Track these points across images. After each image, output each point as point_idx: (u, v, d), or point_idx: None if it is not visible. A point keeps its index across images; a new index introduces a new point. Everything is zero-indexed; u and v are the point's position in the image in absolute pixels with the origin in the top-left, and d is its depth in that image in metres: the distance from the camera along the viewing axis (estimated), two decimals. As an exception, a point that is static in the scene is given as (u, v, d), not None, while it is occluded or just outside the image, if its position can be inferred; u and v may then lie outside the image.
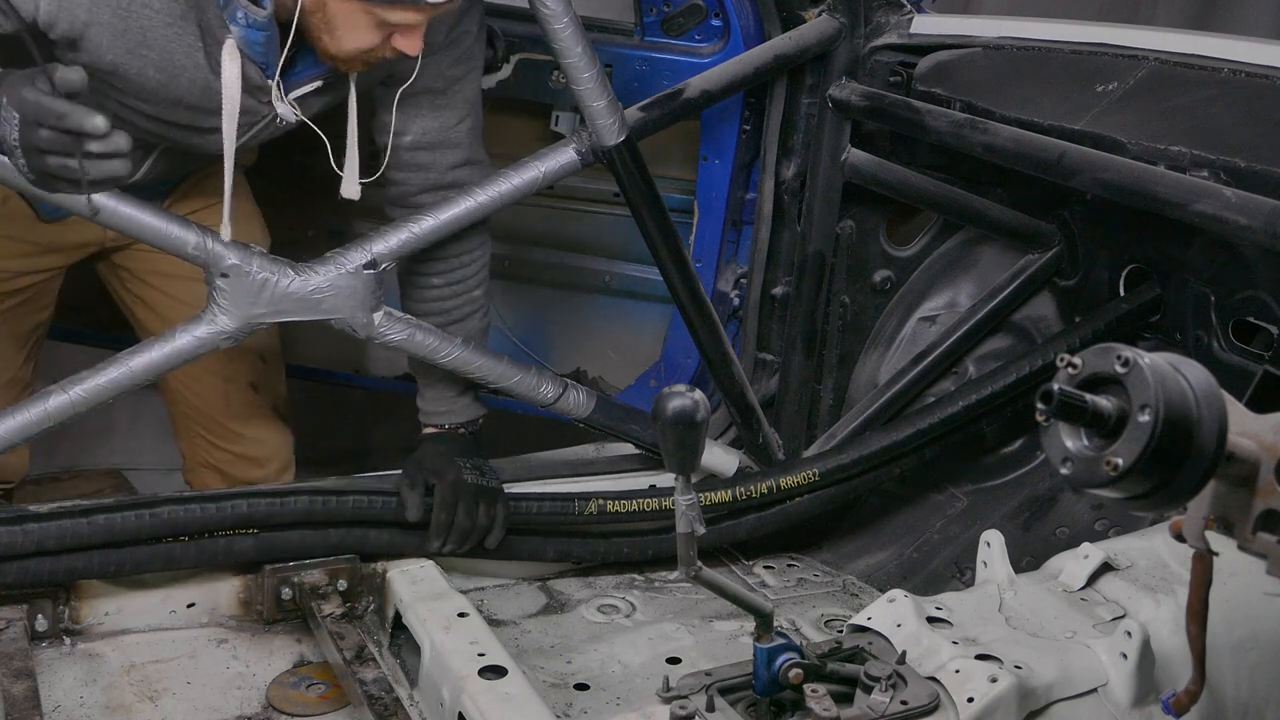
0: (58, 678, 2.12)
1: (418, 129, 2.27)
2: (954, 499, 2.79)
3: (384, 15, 1.93)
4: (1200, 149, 2.01)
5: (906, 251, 2.77)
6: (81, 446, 3.57)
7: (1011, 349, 2.68)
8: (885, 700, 1.49)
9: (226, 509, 2.19)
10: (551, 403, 2.50)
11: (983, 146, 2.31)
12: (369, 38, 1.97)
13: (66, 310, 2.79)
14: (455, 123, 2.29)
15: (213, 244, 2.12)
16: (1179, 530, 1.28)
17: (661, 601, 2.51)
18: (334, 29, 1.96)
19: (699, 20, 2.66)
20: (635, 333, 3.12)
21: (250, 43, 1.97)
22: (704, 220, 2.80)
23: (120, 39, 1.93)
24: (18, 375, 2.63)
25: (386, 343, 2.30)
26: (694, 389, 1.37)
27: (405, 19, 1.95)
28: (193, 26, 1.96)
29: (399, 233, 2.25)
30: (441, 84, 2.25)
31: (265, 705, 2.13)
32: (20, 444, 2.16)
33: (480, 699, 1.91)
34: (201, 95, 2.03)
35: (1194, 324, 2.33)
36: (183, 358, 2.18)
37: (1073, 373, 1.18)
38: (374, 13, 1.93)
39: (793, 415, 2.78)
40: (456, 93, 2.28)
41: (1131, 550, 1.80)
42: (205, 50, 1.98)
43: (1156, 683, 1.58)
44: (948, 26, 2.60)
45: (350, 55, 2.00)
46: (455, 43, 2.23)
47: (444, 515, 2.29)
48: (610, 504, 2.46)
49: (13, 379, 2.61)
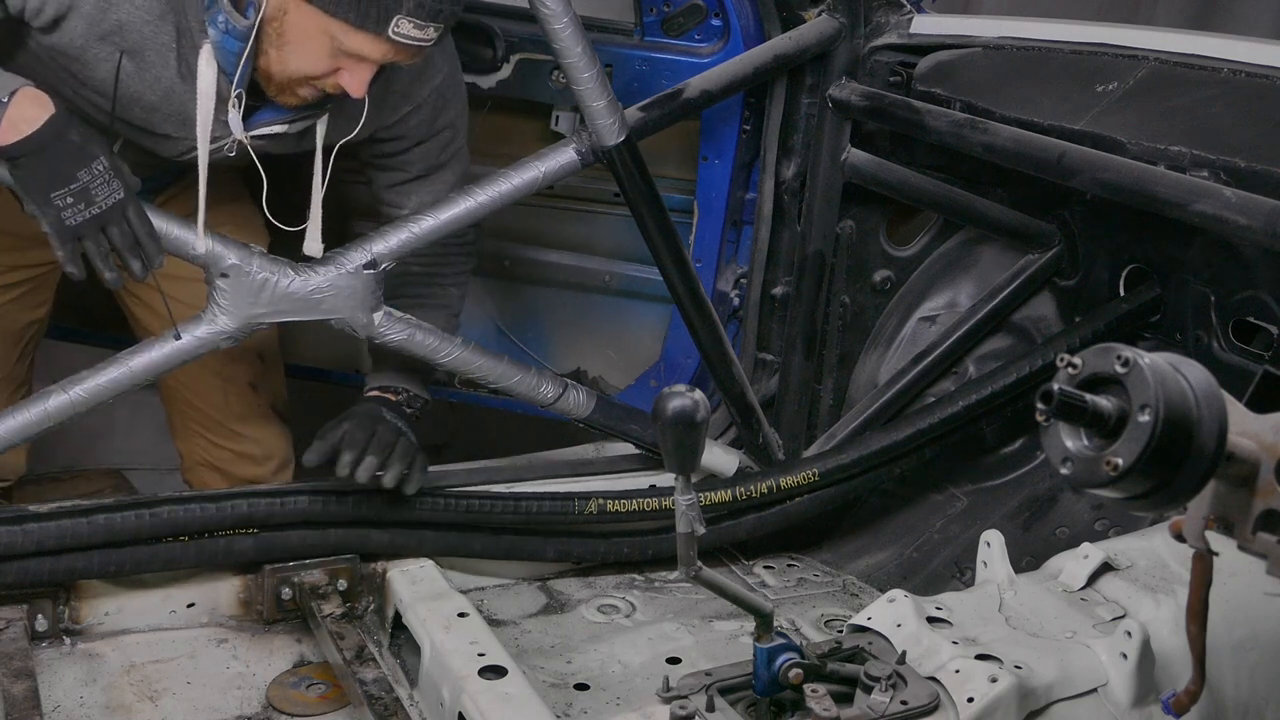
0: (58, 678, 2.12)
1: (414, 203, 2.34)
2: (954, 499, 2.79)
3: (342, 39, 1.88)
4: (1200, 149, 2.01)
5: (906, 251, 2.77)
6: (81, 446, 3.56)
7: (1011, 349, 2.68)
8: (885, 700, 1.49)
9: (226, 509, 2.20)
10: (551, 403, 2.50)
11: (983, 146, 2.31)
12: (319, 63, 1.92)
13: (66, 310, 2.79)
14: (447, 188, 2.36)
15: (213, 244, 2.12)
16: (1179, 530, 1.28)
17: (661, 601, 2.51)
18: (285, 43, 1.92)
19: (699, 20, 2.66)
20: (635, 333, 3.12)
21: (224, 50, 1.94)
22: (704, 220, 2.80)
23: (95, 26, 1.92)
24: (12, 373, 2.63)
25: (386, 342, 2.30)
26: (694, 389, 1.37)
27: (362, 49, 1.89)
28: (170, 27, 1.94)
29: (399, 233, 2.25)
30: (430, 171, 2.34)
31: (265, 705, 2.13)
32: (20, 444, 2.16)
33: (480, 699, 1.91)
34: (162, 98, 2.02)
35: (1194, 324, 2.33)
36: (183, 358, 2.18)
37: (1073, 373, 1.18)
38: (333, 34, 1.88)
39: (793, 415, 2.78)
40: (446, 167, 2.36)
41: (1131, 550, 1.80)
42: (178, 53, 1.97)
43: (1156, 683, 1.59)
44: (948, 26, 2.60)
45: (292, 77, 1.95)
46: (437, 135, 2.29)
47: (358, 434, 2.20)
48: (610, 503, 2.46)
49: (6, 376, 2.61)
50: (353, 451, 2.17)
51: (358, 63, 1.92)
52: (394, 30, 1.86)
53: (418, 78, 2.20)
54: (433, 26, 1.90)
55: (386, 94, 2.17)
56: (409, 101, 2.22)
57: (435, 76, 2.23)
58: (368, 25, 1.86)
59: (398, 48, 1.90)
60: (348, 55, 1.91)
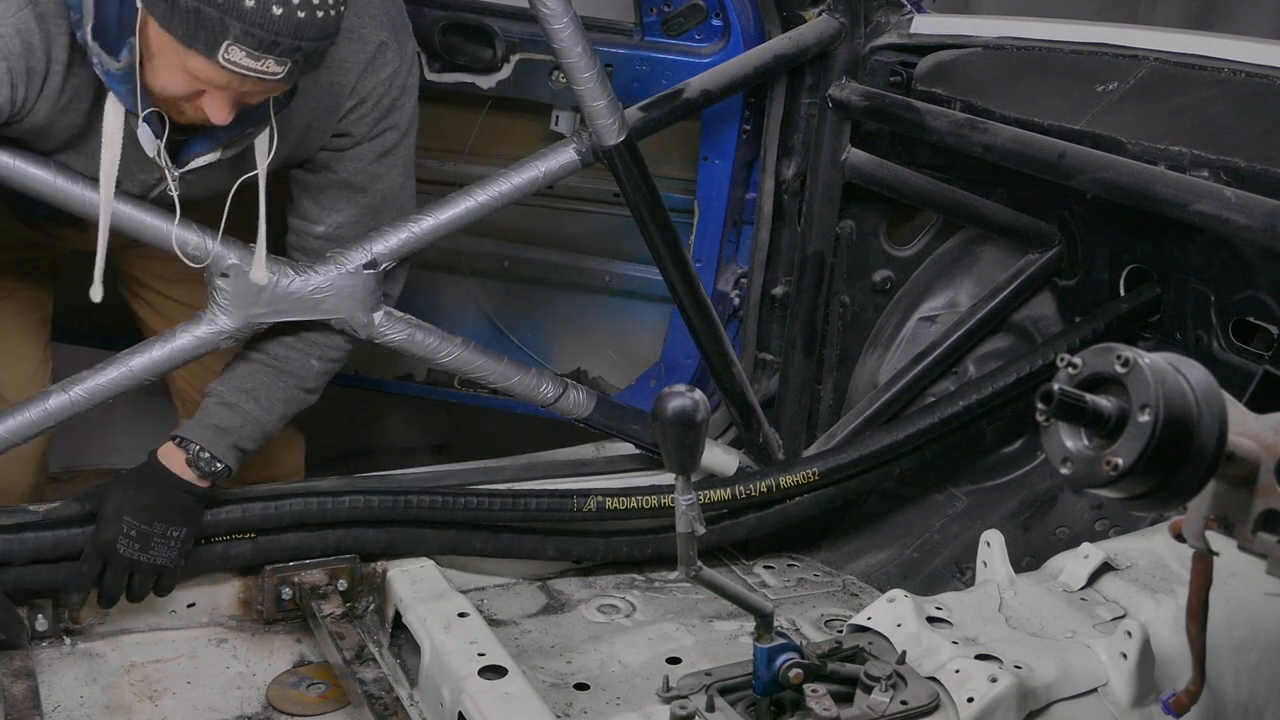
0: (58, 678, 2.12)
1: (332, 222, 2.20)
2: (954, 499, 2.79)
3: (184, 59, 1.78)
4: (1200, 149, 2.01)
5: (906, 251, 2.77)
6: (81, 446, 3.56)
7: (1011, 349, 2.68)
8: (885, 700, 1.49)
9: (220, 514, 2.20)
10: (551, 403, 2.50)
11: (983, 146, 2.31)
12: (176, 82, 1.83)
13: (67, 311, 2.79)
14: (370, 218, 2.21)
15: (213, 244, 2.12)
16: (1179, 530, 1.28)
17: (661, 601, 2.51)
18: (149, 58, 1.84)
19: (699, 20, 2.66)
20: (635, 333, 3.12)
21: (116, 92, 1.89)
22: (704, 220, 2.80)
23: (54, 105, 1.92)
24: (37, 372, 2.59)
25: (386, 342, 2.30)
26: (694, 389, 1.37)
27: (200, 72, 1.78)
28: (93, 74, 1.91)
29: (399, 233, 2.25)
30: (362, 179, 2.18)
31: (265, 705, 2.13)
32: (19, 444, 2.16)
33: (480, 699, 1.91)
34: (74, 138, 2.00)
35: (1194, 324, 2.33)
36: (183, 357, 2.18)
37: (1073, 373, 1.18)
38: (177, 53, 1.78)
39: (793, 415, 2.78)
40: (378, 190, 2.20)
41: (1131, 550, 1.80)
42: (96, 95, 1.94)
43: (1156, 683, 1.59)
44: (948, 26, 2.60)
45: (163, 94, 1.87)
46: (380, 136, 2.16)
47: (85, 569, 2.12)
48: (610, 501, 2.46)
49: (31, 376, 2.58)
50: (74, 594, 2.14)
51: (213, 89, 1.82)
52: (224, 57, 1.73)
53: (364, 72, 2.09)
54: (272, 59, 1.75)
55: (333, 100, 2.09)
56: (354, 96, 2.10)
57: (383, 69, 2.10)
58: (197, 46, 1.75)
59: (239, 78, 1.77)
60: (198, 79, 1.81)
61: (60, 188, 2.03)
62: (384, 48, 2.10)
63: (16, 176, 2.02)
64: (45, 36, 1.86)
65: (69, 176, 2.04)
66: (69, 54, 1.89)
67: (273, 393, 2.22)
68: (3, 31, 1.83)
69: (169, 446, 2.18)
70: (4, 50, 1.84)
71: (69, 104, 1.95)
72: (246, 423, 2.19)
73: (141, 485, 2.14)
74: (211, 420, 2.19)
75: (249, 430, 2.20)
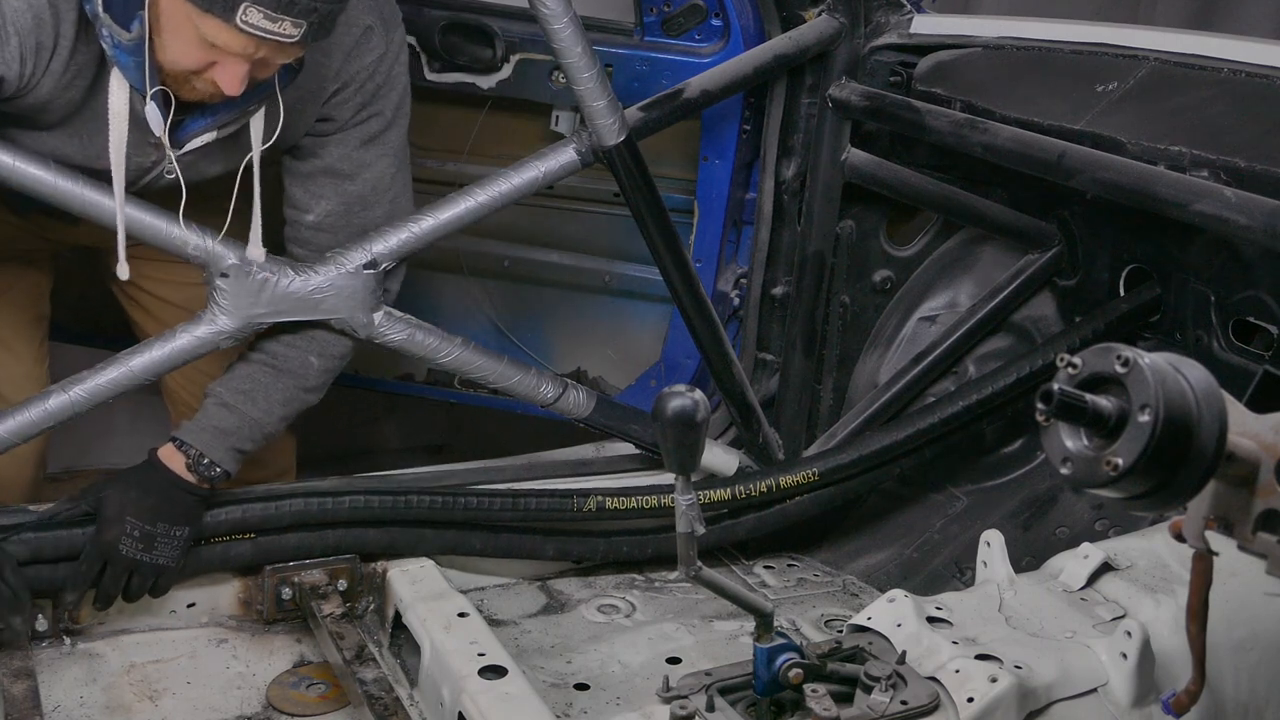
0: (58, 678, 2.12)
1: (321, 210, 2.19)
2: (954, 499, 2.79)
3: (200, 25, 1.78)
4: (1200, 149, 2.01)
5: (906, 251, 2.77)
6: (81, 446, 3.56)
7: (1011, 349, 2.68)
8: (885, 700, 1.49)
9: (220, 515, 2.20)
10: (551, 403, 2.50)
11: (983, 146, 2.31)
12: (190, 53, 1.83)
13: (67, 311, 2.79)
14: (361, 209, 2.20)
15: (212, 244, 2.12)
16: (1179, 530, 1.27)
17: (661, 601, 2.51)
18: (160, 31, 1.84)
19: (699, 20, 2.66)
20: (635, 333, 3.12)
21: (124, 67, 1.88)
22: (704, 220, 2.80)
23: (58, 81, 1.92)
24: (33, 371, 2.60)
25: (386, 343, 2.30)
26: (694, 389, 1.37)
27: (217, 37, 1.78)
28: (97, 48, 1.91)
29: (399, 233, 2.25)
30: (348, 166, 2.17)
31: (265, 705, 2.13)
32: (19, 444, 2.16)
33: (480, 699, 1.91)
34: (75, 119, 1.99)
35: (1194, 324, 2.33)
36: (183, 358, 2.18)
37: (1073, 373, 1.18)
38: (192, 20, 1.79)
39: (793, 415, 2.78)
40: (365, 179, 2.19)
41: (1131, 550, 1.80)
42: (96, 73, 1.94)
43: (1156, 683, 1.58)
44: (948, 26, 2.60)
45: (173, 68, 1.87)
46: (364, 123, 2.15)
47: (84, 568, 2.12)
48: (610, 501, 2.46)
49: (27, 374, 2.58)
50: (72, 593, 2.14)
51: (227, 57, 1.82)
52: (242, 19, 1.74)
53: (349, 55, 2.09)
54: (289, 20, 1.76)
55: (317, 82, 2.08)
56: (338, 80, 2.10)
57: (369, 54, 2.10)
58: (214, 9, 1.76)
59: (257, 41, 1.77)
60: (213, 47, 1.81)
61: (61, 187, 2.03)
62: (370, 32, 2.09)
63: (16, 176, 2.01)
64: (55, 11, 1.87)
65: (69, 176, 2.03)
66: (76, 29, 1.90)
67: (271, 394, 2.22)
68: (15, 5, 1.84)
69: (169, 448, 2.18)
70: (16, 24, 1.84)
71: (71, 81, 1.94)
72: (245, 424, 2.19)
73: (144, 485, 2.14)
74: (210, 422, 2.19)
75: (247, 432, 2.20)
